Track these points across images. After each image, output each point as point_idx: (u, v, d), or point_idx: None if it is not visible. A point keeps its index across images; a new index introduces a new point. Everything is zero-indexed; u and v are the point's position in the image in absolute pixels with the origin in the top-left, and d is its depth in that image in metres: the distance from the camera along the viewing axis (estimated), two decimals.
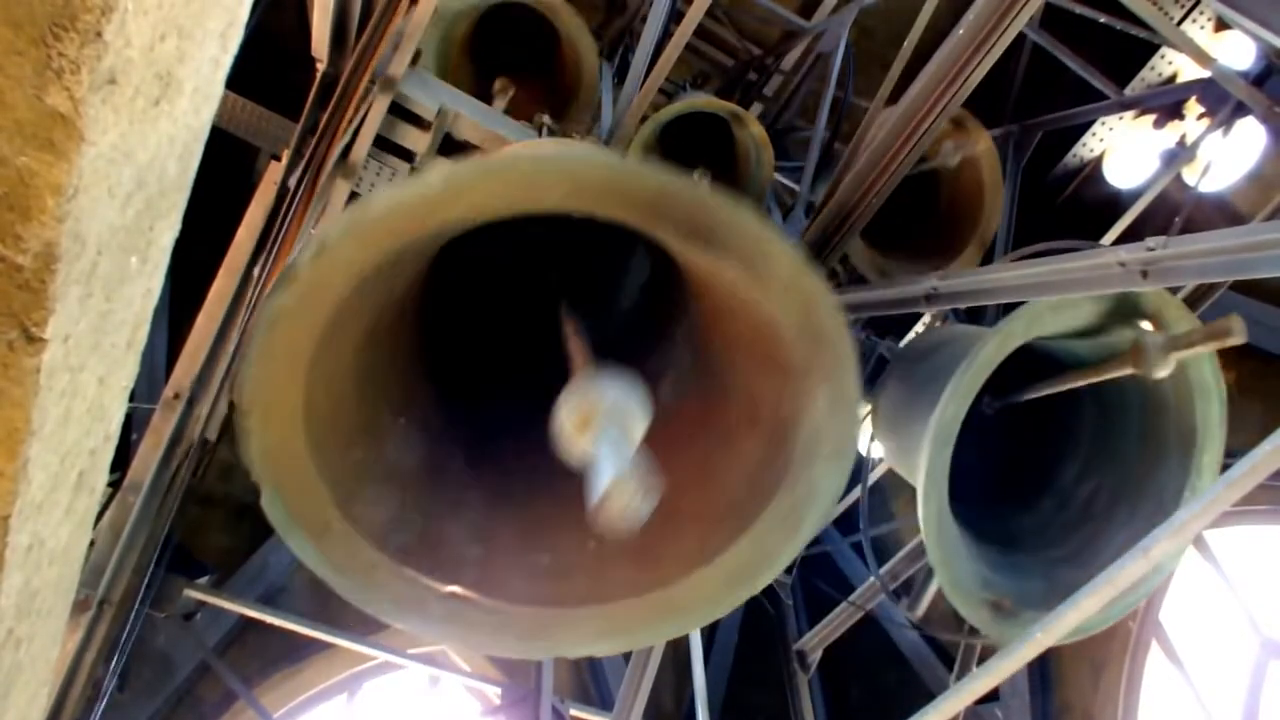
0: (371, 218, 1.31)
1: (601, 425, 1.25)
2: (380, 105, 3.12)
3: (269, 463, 1.45)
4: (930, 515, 2.02)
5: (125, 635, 3.43)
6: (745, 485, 1.67)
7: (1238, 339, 1.78)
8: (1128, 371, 1.99)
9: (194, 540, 4.88)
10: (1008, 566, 2.23)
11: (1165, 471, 2.21)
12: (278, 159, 3.32)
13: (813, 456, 1.58)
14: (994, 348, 2.04)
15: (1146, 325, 2.01)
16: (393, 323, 1.77)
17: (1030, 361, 2.19)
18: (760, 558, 1.64)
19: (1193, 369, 2.08)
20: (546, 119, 3.55)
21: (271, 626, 4.53)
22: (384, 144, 3.35)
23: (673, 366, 1.96)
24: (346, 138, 3.11)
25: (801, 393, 1.55)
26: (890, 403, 2.70)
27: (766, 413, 1.66)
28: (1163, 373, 1.93)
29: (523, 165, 1.34)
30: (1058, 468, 2.41)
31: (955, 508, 2.21)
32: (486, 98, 3.65)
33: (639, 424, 1.28)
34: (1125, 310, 2.03)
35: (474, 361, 2.16)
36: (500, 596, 1.63)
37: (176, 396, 3.42)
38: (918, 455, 2.05)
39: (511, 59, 4.58)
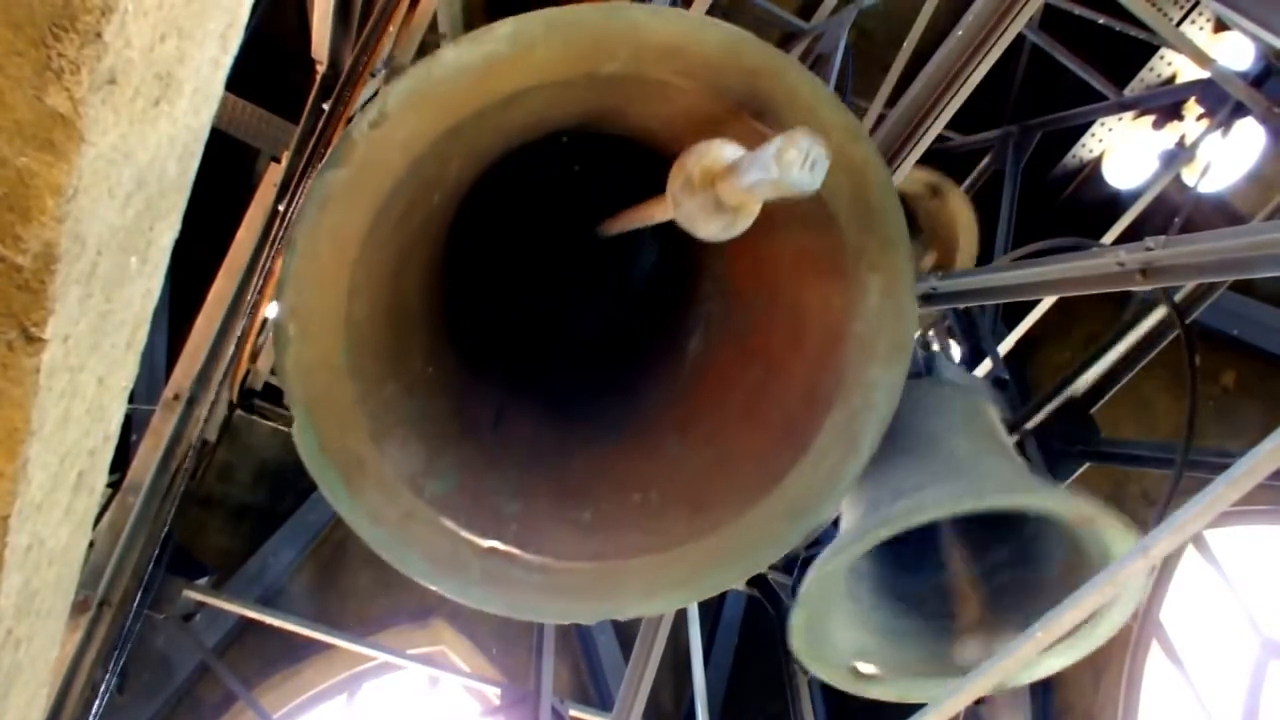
0: (436, 79, 1.20)
1: (740, 158, 1.13)
2: None
3: (304, 380, 1.30)
4: (815, 580, 1.73)
5: (124, 636, 3.43)
6: (798, 406, 1.55)
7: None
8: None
9: (193, 541, 4.88)
10: (895, 630, 2.04)
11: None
12: (277, 161, 3.33)
13: (867, 358, 1.48)
14: (924, 514, 1.74)
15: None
16: (425, 259, 1.65)
17: None
18: (821, 482, 1.51)
19: (1107, 537, 1.76)
20: None
21: (271, 627, 4.53)
22: None
23: (708, 302, 1.83)
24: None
25: (851, 285, 1.45)
26: None
27: (814, 322, 1.54)
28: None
29: (589, 20, 1.26)
30: (991, 546, 2.14)
31: (887, 542, 2.02)
32: None
33: None
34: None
35: (494, 334, 2.05)
36: (544, 552, 1.49)
37: (176, 397, 3.42)
38: (850, 520, 1.85)
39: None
